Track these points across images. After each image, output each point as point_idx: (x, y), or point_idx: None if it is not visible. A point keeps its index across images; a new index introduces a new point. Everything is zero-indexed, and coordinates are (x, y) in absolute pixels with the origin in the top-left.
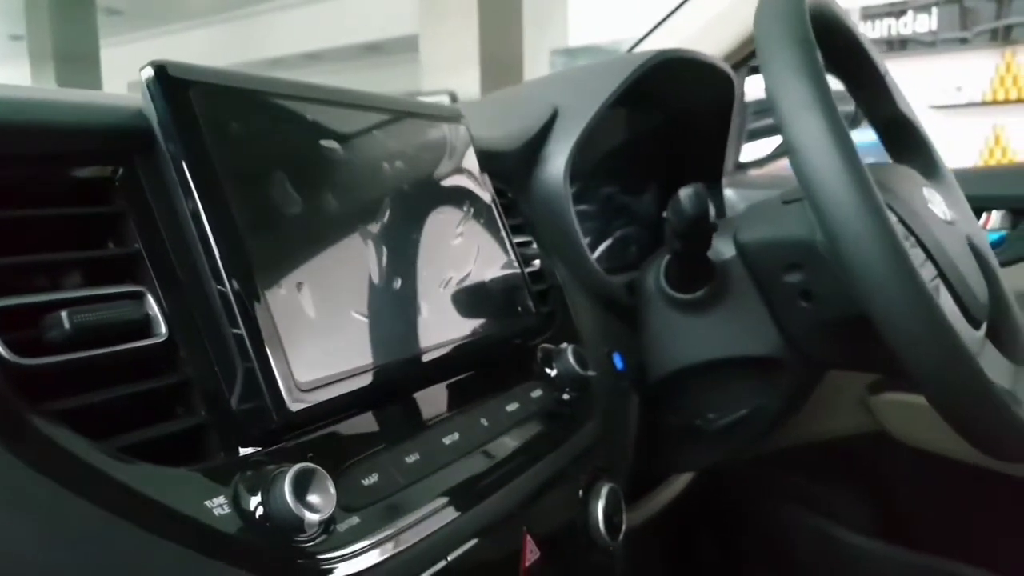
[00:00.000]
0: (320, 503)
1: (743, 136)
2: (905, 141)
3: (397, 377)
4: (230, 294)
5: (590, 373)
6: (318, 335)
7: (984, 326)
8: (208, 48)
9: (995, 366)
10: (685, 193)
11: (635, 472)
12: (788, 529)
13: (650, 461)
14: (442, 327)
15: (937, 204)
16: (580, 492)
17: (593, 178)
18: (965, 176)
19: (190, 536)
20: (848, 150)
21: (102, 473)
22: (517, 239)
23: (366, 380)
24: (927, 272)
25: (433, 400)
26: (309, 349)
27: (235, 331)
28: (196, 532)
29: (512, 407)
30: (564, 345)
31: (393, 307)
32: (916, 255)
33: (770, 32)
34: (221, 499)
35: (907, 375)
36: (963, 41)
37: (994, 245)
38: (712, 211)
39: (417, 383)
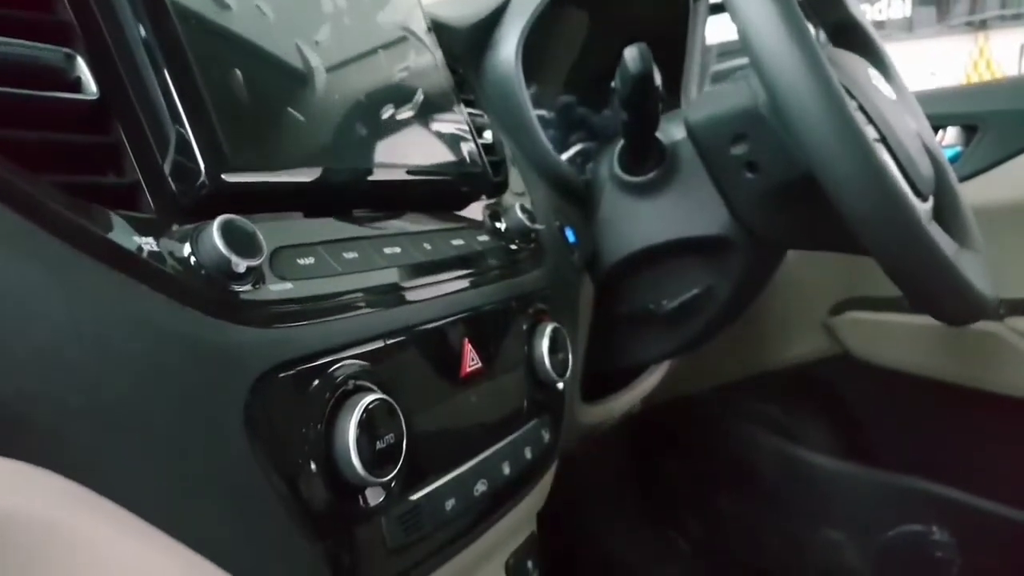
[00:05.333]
0: (249, 250)
1: (707, 77)
2: (854, 44)
3: (337, 183)
4: (163, 64)
5: (539, 226)
6: (255, 121)
7: (931, 201)
8: None
9: (941, 241)
10: (630, 53)
11: (591, 371)
12: (752, 451)
13: (604, 355)
14: (385, 151)
15: (883, 84)
16: (524, 328)
17: (552, 84)
18: (918, 97)
19: (117, 259)
20: (790, 8)
21: (29, 193)
22: (467, 111)
23: (303, 176)
24: (870, 133)
25: (374, 218)
26: (245, 130)
27: (169, 99)
28: (122, 257)
29: (457, 242)
30: (513, 201)
31: (334, 118)
32: (859, 118)
33: None
34: (150, 239)
35: (854, 236)
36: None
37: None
38: (658, 76)
39: (358, 198)
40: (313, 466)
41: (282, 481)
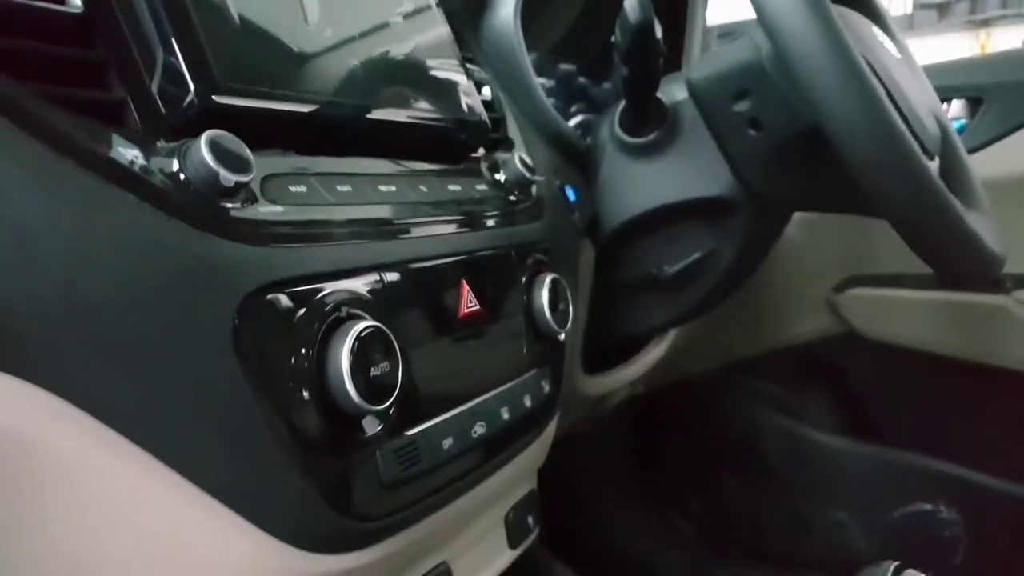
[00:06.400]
0: (238, 165)
1: None
2: (857, 7)
3: (332, 118)
4: None
5: (539, 178)
6: (248, 47)
7: (937, 161)
8: None
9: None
10: (630, 3)
11: (593, 342)
12: (757, 431)
13: (605, 324)
14: (382, 93)
15: (888, 43)
16: (523, 278)
17: (552, 54)
18: (924, 70)
19: (101, 166)
20: None
21: (9, 95)
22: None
23: (298, 106)
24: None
25: (369, 160)
26: (237, 55)
27: (156, 16)
28: (107, 165)
29: (455, 187)
30: (512, 153)
31: (330, 55)
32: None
33: None
34: (136, 152)
35: (859, 194)
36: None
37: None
38: (658, 28)
39: (352, 137)
40: (306, 393)
41: (273, 406)
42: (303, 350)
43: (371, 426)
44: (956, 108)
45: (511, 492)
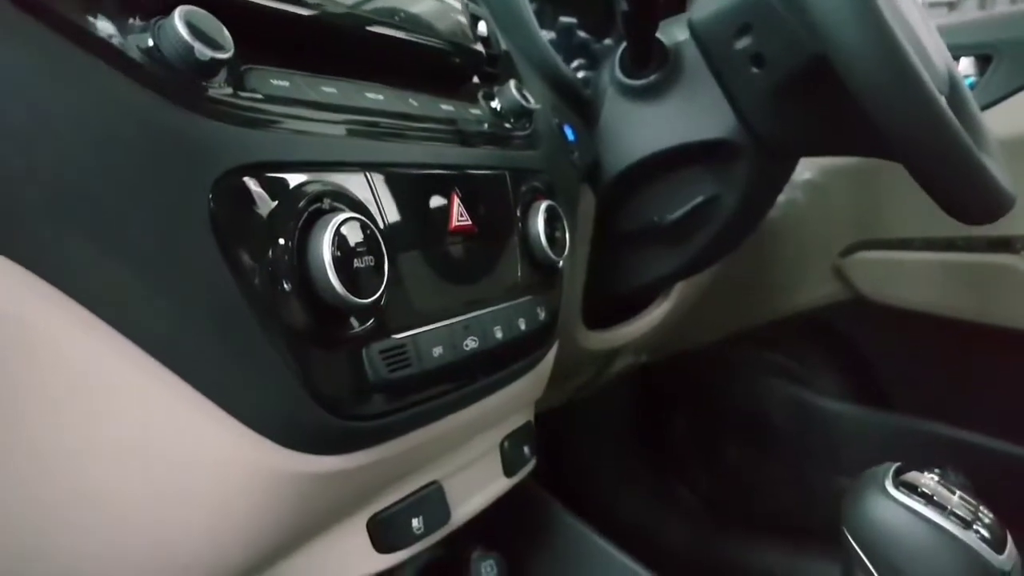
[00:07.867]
0: (215, 41)
1: None
2: None
3: (319, 20)
4: None
5: (536, 106)
6: None
7: (944, 102)
8: None
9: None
10: None
11: (594, 296)
12: (764, 399)
13: (606, 277)
14: (373, 4)
15: None
16: (519, 203)
17: (552, 4)
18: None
19: (69, 28)
20: None
21: None
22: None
23: (281, 4)
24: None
25: (357, 65)
26: None
27: None
28: (76, 30)
29: (447, 107)
30: (509, 83)
31: None
32: None
33: None
34: (108, 24)
35: (864, 134)
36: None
37: None
38: None
39: (340, 46)
40: (288, 283)
41: (254, 293)
42: (283, 239)
43: (357, 321)
44: (965, 66)
45: (506, 421)
